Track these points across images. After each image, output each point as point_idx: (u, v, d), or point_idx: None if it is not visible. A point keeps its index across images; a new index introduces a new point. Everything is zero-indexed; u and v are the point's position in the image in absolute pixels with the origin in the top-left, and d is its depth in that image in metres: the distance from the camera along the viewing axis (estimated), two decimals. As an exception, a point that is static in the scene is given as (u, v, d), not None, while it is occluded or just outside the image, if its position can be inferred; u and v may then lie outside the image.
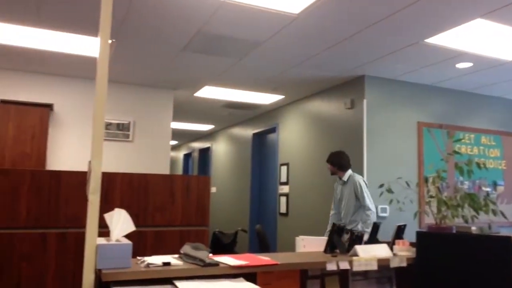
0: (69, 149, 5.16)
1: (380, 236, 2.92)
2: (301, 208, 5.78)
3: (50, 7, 3.24)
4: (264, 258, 2.27)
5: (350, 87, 4.97)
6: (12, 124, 4.60)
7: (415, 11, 3.16)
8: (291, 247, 3.30)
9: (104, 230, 1.96)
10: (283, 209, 6.20)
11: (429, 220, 4.19)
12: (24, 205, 3.07)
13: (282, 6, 3.11)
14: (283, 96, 5.88)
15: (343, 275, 2.56)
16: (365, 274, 2.66)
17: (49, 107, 4.87)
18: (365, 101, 4.69)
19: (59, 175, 3.21)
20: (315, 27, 3.48)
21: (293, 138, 6.11)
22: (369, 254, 2.52)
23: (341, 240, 2.70)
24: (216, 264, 2.03)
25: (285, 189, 6.20)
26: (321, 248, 2.74)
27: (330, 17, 3.30)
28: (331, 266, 2.35)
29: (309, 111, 5.78)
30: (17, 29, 3.65)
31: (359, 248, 2.55)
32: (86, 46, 4.03)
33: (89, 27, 3.57)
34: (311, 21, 3.37)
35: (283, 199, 6.22)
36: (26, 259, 3.02)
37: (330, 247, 2.67)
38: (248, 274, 2.06)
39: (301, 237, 2.88)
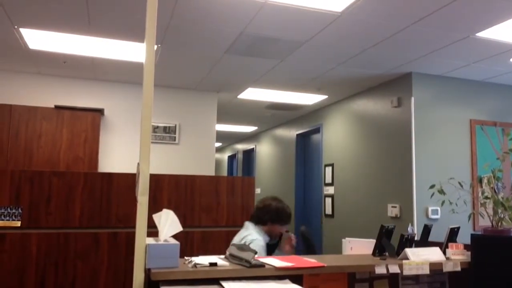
0: (119, 152, 5.35)
1: (430, 239, 2.81)
2: (346, 209, 5.68)
3: (100, 16, 3.37)
4: (310, 260, 2.24)
5: (396, 85, 4.82)
6: (66, 128, 4.83)
7: (465, 4, 3.02)
8: (337, 249, 3.24)
9: (152, 230, 2.01)
10: (328, 210, 6.11)
11: (484, 222, 3.98)
12: (78, 206, 3.21)
13: (325, 4, 3.07)
14: (326, 96, 5.80)
15: (393, 279, 2.48)
16: (416, 279, 2.56)
17: (100, 112, 5.08)
18: (412, 99, 4.54)
19: (110, 177, 3.33)
20: (359, 24, 3.41)
21: (338, 138, 6.02)
22: (420, 258, 2.43)
23: (390, 242, 2.61)
24: (262, 265, 2.03)
25: (330, 190, 6.11)
26: (369, 250, 2.67)
27: (374, 14, 3.22)
28: (380, 270, 2.29)
29: (354, 111, 5.67)
30: (70, 37, 3.83)
31: (409, 251, 2.46)
32: (134, 52, 4.17)
33: (136, 34, 3.69)
34: (355, 19, 3.30)
35: (328, 200, 6.14)
36: (80, 258, 3.15)
37: (379, 250, 2.59)
38: (294, 276, 2.04)
39: (348, 239, 2.82)
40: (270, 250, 2.94)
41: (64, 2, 3.14)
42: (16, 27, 3.61)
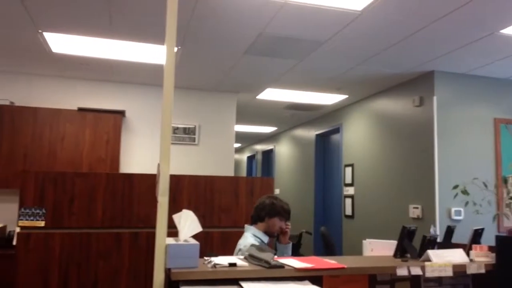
0: (140, 153, 5.42)
1: (453, 240, 2.76)
2: (367, 210, 5.62)
3: (121, 20, 3.42)
4: (330, 261, 2.22)
5: (418, 83, 4.75)
6: (89, 130, 4.92)
7: (489, 0, 2.95)
8: (358, 251, 3.21)
9: (172, 230, 2.02)
10: (348, 211, 6.06)
11: (509, 223, 3.89)
12: (100, 206, 3.27)
13: (345, 3, 3.05)
14: (346, 96, 5.75)
15: (415, 281, 2.44)
16: (439, 281, 2.51)
17: (121, 113, 5.16)
18: (435, 98, 4.46)
19: (131, 177, 3.38)
20: (380, 23, 3.37)
21: (358, 138, 5.96)
22: (443, 260, 2.38)
23: (412, 244, 2.57)
24: (281, 266, 2.02)
25: (350, 190, 6.06)
26: (390, 252, 2.63)
27: (396, 12, 3.17)
28: (401, 272, 2.25)
29: (374, 110, 5.60)
30: (92, 41, 3.90)
31: (431, 253, 2.41)
32: (154, 54, 4.21)
33: (157, 36, 3.73)
34: (376, 17, 3.27)
35: (348, 201, 6.08)
36: (102, 257, 3.21)
37: (400, 251, 2.55)
38: (313, 277, 2.03)
39: (369, 240, 2.79)
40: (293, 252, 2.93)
41: (86, 6, 3.20)
42: (40, 31, 3.69)
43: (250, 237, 2.76)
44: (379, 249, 2.73)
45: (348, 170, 6.13)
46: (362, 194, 5.77)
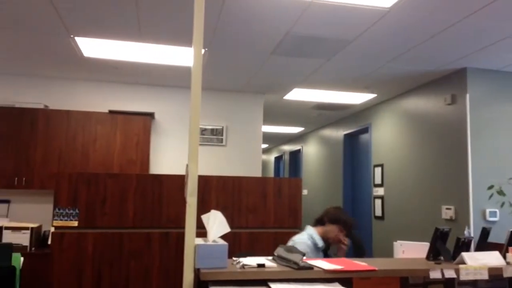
0: (169, 154, 5.50)
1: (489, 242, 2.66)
2: (397, 211, 5.51)
3: (150, 23, 3.48)
4: (360, 263, 2.18)
5: (450, 81, 4.62)
6: (119, 132, 5.03)
7: (525, -7, 2.84)
8: (388, 253, 3.15)
9: (201, 230, 2.04)
10: (378, 212, 5.95)
11: (550, 226, 3.73)
12: (131, 206, 3.33)
13: (373, 1, 3.00)
14: (375, 95, 5.66)
15: (449, 284, 2.37)
16: (474, 284, 2.43)
17: (150, 115, 5.25)
18: (467, 95, 4.33)
19: (160, 178, 3.43)
20: (409, 19, 3.30)
21: (388, 138, 5.85)
22: (478, 262, 2.30)
23: (446, 246, 2.50)
24: (310, 267, 2.01)
25: (380, 191, 5.95)
26: (422, 254, 2.57)
27: (426, 8, 3.10)
28: (435, 274, 2.19)
29: (404, 109, 5.49)
30: (122, 44, 3.99)
31: (466, 255, 2.34)
32: (182, 56, 4.27)
33: (184, 39, 3.77)
34: (405, 14, 3.20)
35: (378, 202, 5.98)
36: (133, 257, 3.27)
37: (433, 254, 2.49)
38: (343, 279, 2.00)
39: (400, 242, 2.73)
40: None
41: (116, 11, 3.27)
42: (72, 36, 3.80)
43: (306, 235, 2.81)
44: (410, 251, 2.67)
45: (378, 171, 6.03)
46: (392, 194, 5.66)
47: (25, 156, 4.78)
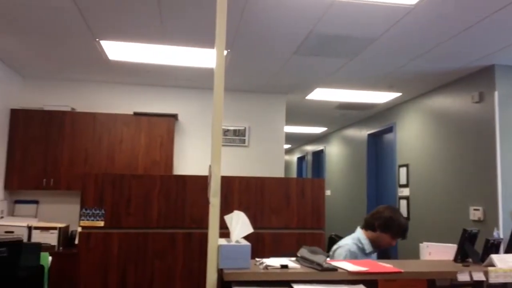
0: (192, 155, 5.54)
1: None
2: (423, 212, 5.40)
3: (173, 26, 3.52)
4: (386, 265, 2.15)
5: (477, 78, 4.50)
6: (144, 134, 5.11)
7: (557, -14, 2.74)
8: (414, 254, 3.09)
9: (224, 231, 2.05)
10: (403, 213, 5.84)
11: None
12: (155, 207, 3.37)
13: (396, -2, 2.95)
14: (400, 94, 5.57)
15: (477, 287, 2.31)
16: (503, 287, 2.36)
17: (174, 117, 5.31)
18: (496, 93, 4.21)
19: (184, 179, 3.46)
20: (435, 16, 3.23)
21: (413, 137, 5.74)
22: (508, 265, 2.23)
23: (474, 248, 2.44)
24: (334, 269, 1.98)
25: (405, 191, 5.85)
26: (449, 256, 2.51)
27: (452, 4, 3.02)
28: (463, 277, 2.14)
29: (430, 108, 5.38)
30: (146, 47, 4.05)
31: (495, 257, 2.27)
32: (205, 58, 4.30)
33: (207, 40, 3.80)
34: (430, 10, 3.13)
35: (403, 203, 5.88)
36: (158, 257, 3.30)
37: (461, 256, 2.43)
38: (368, 281, 1.97)
39: (426, 243, 2.67)
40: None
41: (139, 14, 3.32)
42: (97, 39, 3.88)
43: (351, 240, 2.75)
44: (437, 253, 2.61)
45: (403, 171, 5.92)
46: (418, 195, 5.56)
47: (52, 158, 4.90)
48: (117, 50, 4.14)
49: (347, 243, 2.75)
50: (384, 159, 6.78)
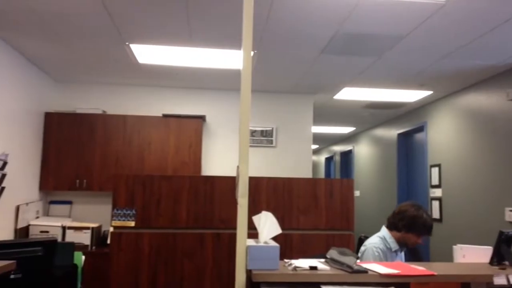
0: (220, 156, 5.58)
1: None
2: (456, 213, 5.24)
3: (200, 27, 3.55)
4: (418, 268, 2.10)
5: (513, 75, 4.34)
6: (173, 135, 5.18)
7: None
8: (447, 257, 3.00)
9: (252, 231, 2.04)
10: (435, 214, 5.70)
11: None
12: (184, 207, 3.40)
13: (427, -6, 2.88)
14: (431, 92, 5.43)
15: (515, 292, 2.22)
16: (544, 292, 2.26)
17: (202, 118, 5.35)
18: (533, 90, 4.05)
19: (212, 180, 3.48)
20: (467, 12, 3.13)
21: (445, 136, 5.59)
22: (549, 269, 2.14)
23: (511, 250, 2.35)
24: (365, 271, 1.95)
25: (437, 192, 5.70)
26: (484, 259, 2.42)
27: (484, -1, 2.93)
28: (499, 280, 2.06)
29: (463, 106, 5.22)
30: (173, 50, 4.10)
31: (535, 261, 2.18)
32: (232, 60, 4.32)
33: (234, 42, 3.81)
34: (462, 6, 3.04)
35: (435, 204, 5.73)
36: (187, 257, 3.34)
37: (497, 258, 2.34)
38: (400, 284, 1.93)
39: (460, 245, 2.59)
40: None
41: (168, 17, 3.37)
42: (127, 43, 3.96)
43: (378, 239, 2.72)
44: (472, 256, 2.53)
45: (435, 171, 5.77)
46: (450, 196, 5.40)
47: (85, 160, 5.03)
48: (146, 53, 4.21)
49: (375, 241, 2.72)
50: (415, 159, 6.64)
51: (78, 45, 4.04)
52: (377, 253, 2.67)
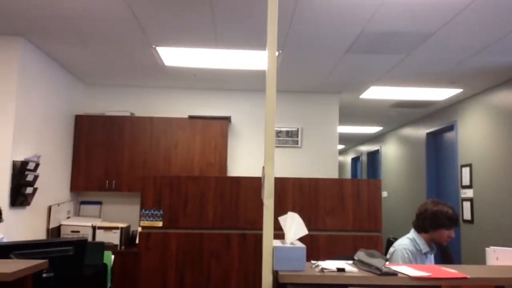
0: (245, 157, 5.59)
1: None
2: (489, 214, 5.08)
3: (224, 29, 3.57)
4: (449, 270, 2.04)
5: (548, 71, 4.18)
6: (199, 136, 5.22)
7: None
8: (479, 259, 2.91)
9: (278, 232, 2.04)
10: (467, 215, 5.55)
11: None
12: (211, 208, 3.43)
13: (456, -11, 2.80)
14: (461, 90, 5.29)
15: (553, 297, 2.13)
16: None
17: (227, 119, 5.38)
18: None
19: (238, 181, 3.49)
20: (497, 8, 3.03)
21: (476, 135, 5.43)
22: None
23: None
24: (394, 273, 1.91)
25: (468, 193, 5.54)
26: (520, 262, 2.34)
27: (517, -7, 2.83)
28: (536, 285, 1.98)
29: (494, 104, 5.06)
30: (199, 52, 4.14)
31: None
32: (256, 60, 4.32)
33: (258, 43, 3.81)
34: (491, 2, 2.94)
35: (466, 205, 5.57)
36: (214, 257, 3.36)
37: (533, 262, 2.25)
38: (431, 287, 1.88)
39: (493, 248, 2.51)
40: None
41: (193, 19, 3.40)
42: (153, 46, 4.02)
43: (408, 240, 2.69)
44: (506, 258, 2.44)
45: (466, 171, 5.62)
46: (482, 196, 5.24)
47: (114, 161, 5.14)
48: (172, 55, 4.27)
49: (404, 243, 2.67)
50: (444, 159, 6.48)
51: (107, 49, 4.13)
52: (407, 255, 2.61)
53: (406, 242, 2.69)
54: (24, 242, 2.29)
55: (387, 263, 1.96)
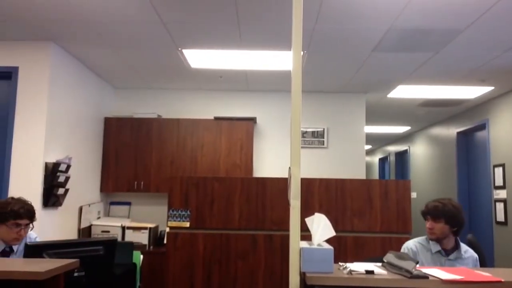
0: (271, 157, 5.58)
1: None
2: (525, 216, 4.90)
3: (249, 30, 3.58)
4: (482, 274, 1.98)
5: None
6: (224, 138, 5.25)
7: None
8: (516, 263, 2.81)
9: (305, 233, 2.02)
10: (500, 217, 5.37)
11: None
12: (237, 209, 3.44)
13: (487, -16, 2.72)
14: (492, 87, 5.12)
15: None
16: None
17: (252, 120, 5.39)
18: None
19: (264, 182, 3.49)
20: (533, 0, 2.92)
21: (509, 134, 5.25)
22: None
23: None
24: (425, 276, 1.87)
25: (501, 193, 5.36)
26: (559, 266, 2.24)
27: (553, -15, 2.72)
28: None
29: (529, 102, 4.88)
30: (224, 53, 4.16)
31: None
32: (281, 61, 4.31)
33: (283, 43, 3.80)
34: (527, -5, 2.84)
35: (499, 205, 5.39)
36: (240, 257, 3.37)
37: None
38: (463, 290, 1.83)
39: (529, 251, 2.42)
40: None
41: (218, 21, 3.42)
42: (179, 49, 4.07)
43: (417, 238, 2.69)
44: (543, 262, 2.35)
45: (498, 171, 5.44)
46: (517, 197, 5.07)
47: (142, 162, 5.22)
48: (197, 58, 4.31)
49: (410, 240, 2.69)
50: (476, 159, 6.29)
51: (134, 53, 4.21)
52: (406, 251, 2.59)
53: (413, 239, 2.70)
54: (56, 242, 2.36)
55: (417, 265, 1.92)
